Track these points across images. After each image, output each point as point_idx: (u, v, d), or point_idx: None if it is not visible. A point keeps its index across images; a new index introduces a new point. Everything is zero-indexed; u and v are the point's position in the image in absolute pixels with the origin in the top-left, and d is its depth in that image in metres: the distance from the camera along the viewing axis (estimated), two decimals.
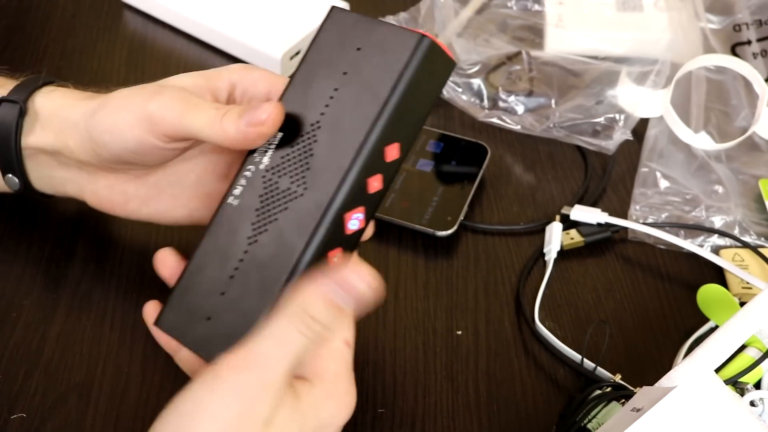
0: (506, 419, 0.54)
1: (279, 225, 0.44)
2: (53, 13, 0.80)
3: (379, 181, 0.44)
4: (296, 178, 0.45)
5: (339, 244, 0.44)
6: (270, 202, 0.45)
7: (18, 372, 0.53)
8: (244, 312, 0.43)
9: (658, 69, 0.71)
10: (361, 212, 0.44)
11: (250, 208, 0.46)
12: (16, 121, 0.53)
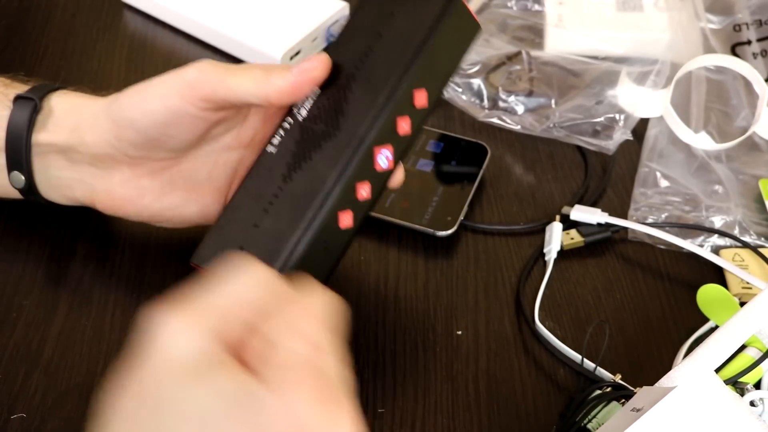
0: (506, 419, 0.54)
1: (313, 162, 0.47)
2: (53, 13, 0.80)
3: (407, 124, 0.47)
4: (331, 122, 0.48)
5: (367, 178, 0.46)
6: (306, 146, 0.48)
7: (18, 372, 0.53)
8: (275, 238, 0.45)
9: (658, 69, 0.71)
10: (389, 150, 0.47)
11: (287, 153, 0.48)
12: (30, 116, 0.54)
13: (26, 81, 0.57)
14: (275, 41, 0.74)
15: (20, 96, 0.55)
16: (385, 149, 0.47)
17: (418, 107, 0.47)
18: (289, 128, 0.49)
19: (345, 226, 0.46)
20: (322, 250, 0.46)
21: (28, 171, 0.55)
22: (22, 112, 0.54)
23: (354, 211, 0.46)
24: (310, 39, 0.76)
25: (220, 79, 0.50)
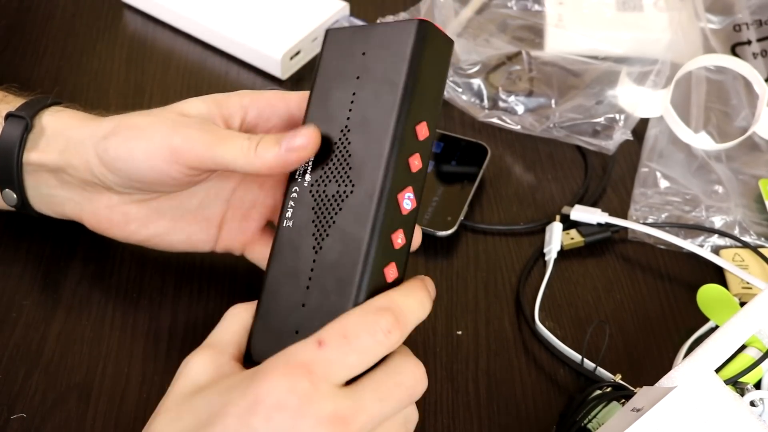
0: (506, 419, 0.54)
1: (338, 225, 0.45)
2: (53, 13, 0.80)
3: (418, 159, 0.46)
4: (342, 180, 0.46)
5: (399, 226, 0.45)
6: (324, 210, 0.46)
7: (18, 372, 0.53)
8: (329, 313, 0.43)
9: (658, 69, 0.71)
10: (410, 192, 0.46)
11: (306, 223, 0.47)
12: (21, 135, 0.53)
13: (19, 94, 0.57)
14: (275, 41, 0.74)
15: (12, 114, 0.54)
16: (406, 192, 0.46)
17: (423, 139, 0.46)
18: (298, 197, 0.48)
19: (392, 279, 0.45)
20: None
21: (20, 189, 0.55)
22: (14, 131, 0.53)
23: (396, 261, 0.45)
24: (310, 39, 0.76)
25: (208, 148, 0.48)
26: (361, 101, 0.47)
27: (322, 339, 0.40)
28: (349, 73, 0.48)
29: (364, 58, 0.47)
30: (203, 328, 0.56)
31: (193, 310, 0.57)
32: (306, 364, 0.39)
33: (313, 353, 0.40)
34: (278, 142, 0.47)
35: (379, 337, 0.41)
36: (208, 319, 0.57)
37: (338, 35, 0.49)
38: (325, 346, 0.40)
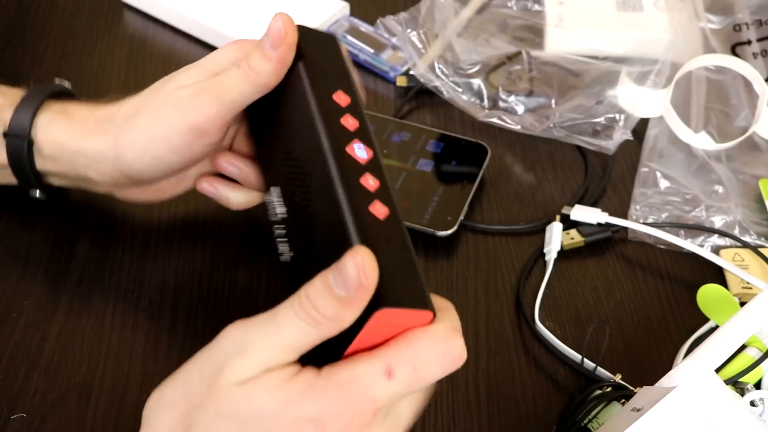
0: (506, 419, 0.54)
1: (317, 214, 0.45)
2: (53, 13, 0.80)
3: (352, 119, 0.47)
4: (302, 180, 0.47)
5: (363, 171, 0.45)
6: (301, 210, 0.47)
7: (18, 372, 0.53)
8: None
9: (658, 69, 0.71)
10: (358, 143, 0.46)
11: (304, 248, 0.46)
12: (27, 153, 0.54)
13: (10, 88, 0.57)
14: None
15: (6, 133, 0.54)
16: (354, 144, 0.46)
17: (347, 105, 0.47)
18: (285, 232, 0.48)
19: (383, 216, 0.43)
20: (394, 252, 0.43)
21: (42, 189, 0.57)
22: (18, 147, 0.54)
23: (379, 199, 0.44)
24: None
25: (218, 105, 0.50)
26: (287, 118, 0.49)
27: (391, 369, 0.38)
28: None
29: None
30: (203, 328, 0.56)
31: (193, 310, 0.57)
32: (375, 399, 0.38)
33: (380, 386, 0.38)
34: (261, 47, 0.48)
35: (448, 365, 0.40)
36: (208, 319, 0.57)
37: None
38: (395, 379, 0.38)
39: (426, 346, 0.39)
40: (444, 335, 0.40)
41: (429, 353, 0.39)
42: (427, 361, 0.39)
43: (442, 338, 0.40)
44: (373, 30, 0.77)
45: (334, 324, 0.38)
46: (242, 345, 0.38)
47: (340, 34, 0.77)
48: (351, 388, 0.38)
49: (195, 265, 0.60)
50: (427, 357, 0.39)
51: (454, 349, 0.39)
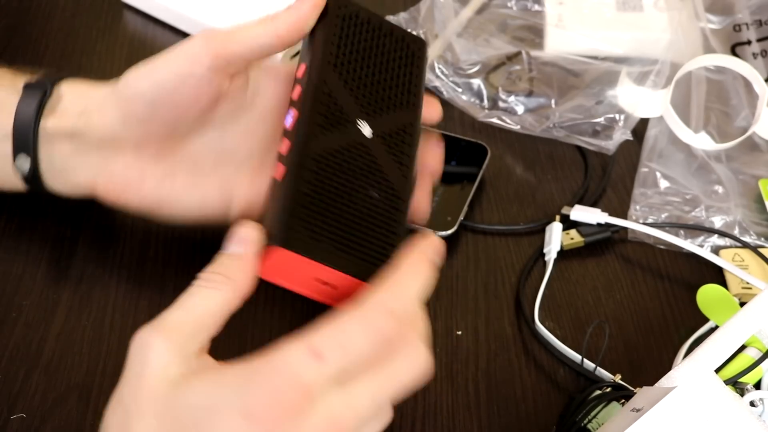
0: (506, 419, 0.54)
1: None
2: (53, 13, 0.80)
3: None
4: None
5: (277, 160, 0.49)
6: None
7: (18, 372, 0.53)
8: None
9: (658, 69, 0.71)
10: (289, 110, 0.50)
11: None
12: (39, 101, 0.54)
13: (34, 72, 0.58)
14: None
15: (30, 83, 0.55)
16: (288, 113, 0.50)
17: (299, 76, 0.52)
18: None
19: (279, 176, 0.47)
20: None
21: (34, 156, 0.55)
22: (32, 98, 0.54)
23: (281, 161, 0.48)
24: None
25: (227, 34, 0.52)
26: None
27: (321, 351, 0.38)
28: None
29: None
30: None
31: None
32: (306, 385, 0.37)
33: (315, 370, 0.38)
34: (290, 7, 0.51)
35: (380, 346, 0.39)
36: None
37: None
38: (324, 361, 0.38)
39: (352, 325, 0.39)
40: (372, 315, 0.39)
41: (356, 334, 0.39)
42: (355, 341, 0.38)
43: (371, 318, 0.39)
44: None
45: (228, 279, 0.42)
46: (157, 336, 0.41)
47: None
48: (279, 374, 0.37)
49: (195, 265, 0.60)
50: (354, 337, 0.38)
51: (386, 331, 0.39)
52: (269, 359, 0.38)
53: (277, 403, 0.37)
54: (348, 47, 0.52)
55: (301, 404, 0.37)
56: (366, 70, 0.52)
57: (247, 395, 0.37)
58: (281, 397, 0.37)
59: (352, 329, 0.39)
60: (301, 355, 0.38)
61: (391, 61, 0.54)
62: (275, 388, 0.37)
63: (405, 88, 0.53)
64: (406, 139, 0.51)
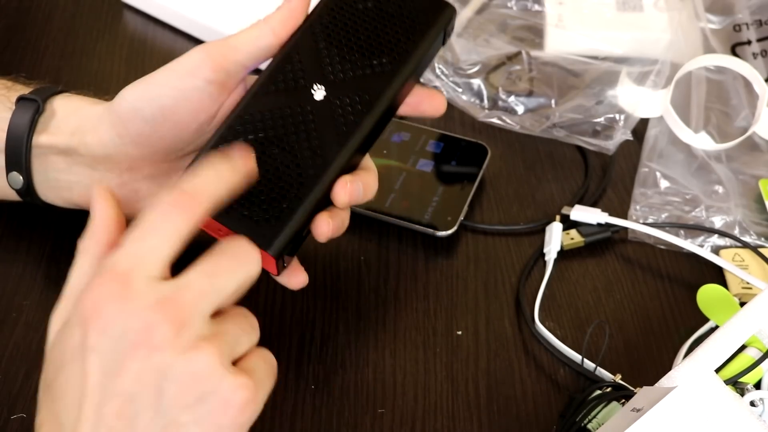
0: (506, 419, 0.54)
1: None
2: (53, 13, 0.80)
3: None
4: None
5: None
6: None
7: (18, 372, 0.53)
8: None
9: (658, 69, 0.71)
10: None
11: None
12: (32, 117, 0.54)
13: (28, 83, 0.57)
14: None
15: (23, 97, 0.55)
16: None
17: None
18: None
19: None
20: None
21: (27, 172, 0.55)
22: (24, 113, 0.54)
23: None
24: None
25: (224, 44, 0.50)
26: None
27: (120, 242, 0.40)
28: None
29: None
30: None
31: None
32: (111, 267, 0.39)
33: (114, 256, 0.40)
34: (278, 6, 0.51)
35: (166, 208, 0.41)
36: None
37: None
38: (123, 244, 0.40)
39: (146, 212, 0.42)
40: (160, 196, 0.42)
41: (147, 213, 0.41)
42: (147, 217, 0.41)
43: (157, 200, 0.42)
44: None
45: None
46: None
47: None
48: (97, 275, 0.40)
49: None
50: (146, 215, 0.41)
51: (165, 198, 0.41)
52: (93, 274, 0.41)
53: (98, 293, 0.39)
54: (344, 8, 0.52)
55: (118, 287, 0.39)
56: (354, 33, 0.51)
57: (79, 306, 0.40)
58: (100, 288, 0.39)
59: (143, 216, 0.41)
60: (114, 252, 0.40)
61: (392, 25, 0.52)
62: (94, 285, 0.39)
63: (392, 56, 0.51)
64: (362, 107, 0.50)
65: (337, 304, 0.59)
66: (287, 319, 0.58)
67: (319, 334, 0.57)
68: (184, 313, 0.39)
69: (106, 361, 0.39)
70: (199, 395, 0.39)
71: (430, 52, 0.53)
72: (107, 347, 0.39)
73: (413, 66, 0.52)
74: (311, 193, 0.48)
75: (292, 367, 0.55)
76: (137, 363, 0.38)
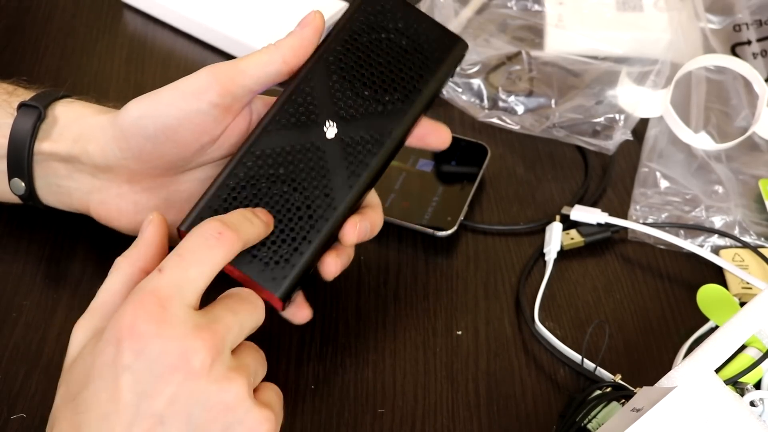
0: (506, 419, 0.54)
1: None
2: (53, 13, 0.80)
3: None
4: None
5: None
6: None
7: (18, 372, 0.53)
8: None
9: (658, 69, 0.71)
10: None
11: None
12: (33, 124, 0.54)
13: (29, 87, 0.57)
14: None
15: (24, 104, 0.54)
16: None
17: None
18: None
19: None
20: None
21: (29, 178, 0.55)
22: (26, 120, 0.54)
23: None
24: None
25: (233, 67, 0.50)
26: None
27: (161, 266, 0.42)
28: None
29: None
30: None
31: None
32: (152, 291, 0.41)
33: (157, 279, 0.41)
34: (291, 32, 0.51)
35: (211, 242, 0.43)
36: None
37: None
38: (165, 269, 0.42)
39: (188, 238, 0.44)
40: (201, 225, 0.44)
41: (189, 240, 0.43)
42: (189, 245, 0.43)
43: (199, 227, 0.44)
44: None
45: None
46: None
47: None
48: (133, 294, 0.42)
49: None
50: (188, 243, 0.43)
51: (208, 230, 0.43)
52: (131, 293, 0.42)
53: (136, 314, 0.40)
54: (358, 40, 0.51)
55: (158, 311, 0.40)
56: (367, 68, 0.51)
57: (114, 325, 0.41)
58: (138, 308, 0.40)
59: (186, 241, 0.44)
60: (149, 276, 0.42)
61: (404, 60, 0.51)
62: (133, 305, 0.41)
63: (404, 93, 0.51)
64: (372, 147, 0.50)
65: (337, 304, 0.59)
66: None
67: (319, 334, 0.57)
68: (218, 342, 0.41)
69: (141, 381, 0.39)
70: (227, 424, 0.40)
71: (440, 87, 0.53)
72: (142, 368, 0.39)
73: (424, 103, 0.51)
74: (320, 235, 0.49)
75: (292, 367, 0.55)
76: (173, 387, 0.39)
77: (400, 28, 0.51)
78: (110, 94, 0.73)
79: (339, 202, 0.49)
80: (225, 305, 0.43)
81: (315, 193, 0.49)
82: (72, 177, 0.55)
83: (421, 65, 0.51)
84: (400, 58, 0.51)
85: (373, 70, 0.51)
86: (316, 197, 0.49)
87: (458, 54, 0.52)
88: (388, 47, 0.51)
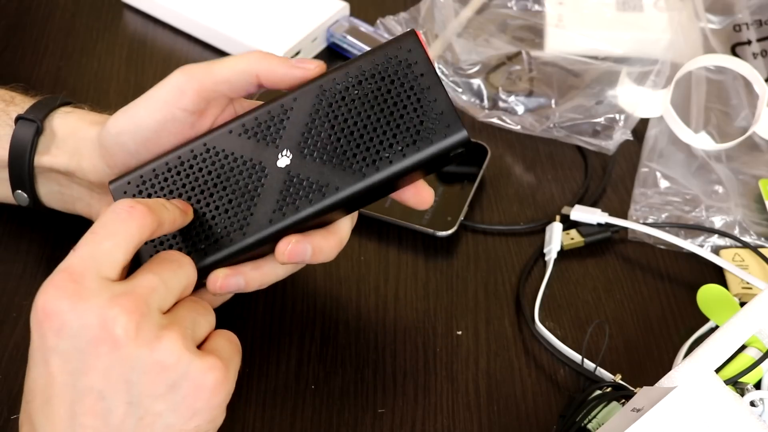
0: (506, 419, 0.54)
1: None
2: (53, 13, 0.80)
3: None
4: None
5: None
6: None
7: (18, 372, 0.53)
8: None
9: (658, 69, 0.71)
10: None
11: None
12: (32, 139, 0.54)
13: (26, 93, 0.57)
14: (275, 41, 0.74)
15: (21, 117, 0.54)
16: None
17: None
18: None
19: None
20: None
21: (31, 190, 0.55)
22: (25, 133, 0.54)
23: None
24: (310, 39, 0.76)
25: (207, 71, 0.49)
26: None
27: (76, 246, 0.41)
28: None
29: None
30: None
31: None
32: (65, 269, 0.40)
33: (70, 257, 0.41)
34: (288, 60, 0.49)
35: (123, 215, 0.42)
36: None
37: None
38: (78, 247, 0.41)
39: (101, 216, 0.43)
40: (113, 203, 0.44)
41: (101, 217, 0.43)
42: (101, 221, 0.42)
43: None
44: (373, 30, 0.77)
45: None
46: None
47: (340, 35, 0.77)
48: (47, 280, 0.41)
49: None
50: (100, 219, 0.43)
51: (119, 204, 0.43)
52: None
53: (48, 294, 0.39)
54: (362, 84, 0.47)
55: (71, 286, 0.39)
56: (354, 117, 0.47)
57: (33, 309, 0.40)
58: (50, 287, 0.40)
59: (100, 219, 0.43)
60: (69, 254, 0.42)
61: (395, 126, 0.47)
62: (47, 286, 0.40)
63: (374, 159, 0.47)
64: (312, 196, 0.47)
65: (337, 304, 0.59)
66: (287, 319, 0.58)
67: (319, 334, 0.57)
68: (141, 305, 0.40)
69: (70, 360, 0.39)
70: (170, 383, 0.40)
71: (419, 168, 0.48)
72: (67, 346, 0.39)
73: (388, 177, 0.47)
74: (223, 252, 0.48)
75: (292, 367, 0.55)
76: (102, 359, 0.39)
77: (408, 91, 0.47)
78: (110, 94, 0.73)
79: (251, 233, 0.48)
80: (145, 269, 0.43)
81: (238, 209, 0.48)
82: (72, 187, 0.55)
83: (408, 139, 0.47)
84: (392, 122, 0.47)
85: (358, 121, 0.47)
86: (236, 214, 0.48)
87: (453, 143, 0.48)
88: (387, 105, 0.47)
